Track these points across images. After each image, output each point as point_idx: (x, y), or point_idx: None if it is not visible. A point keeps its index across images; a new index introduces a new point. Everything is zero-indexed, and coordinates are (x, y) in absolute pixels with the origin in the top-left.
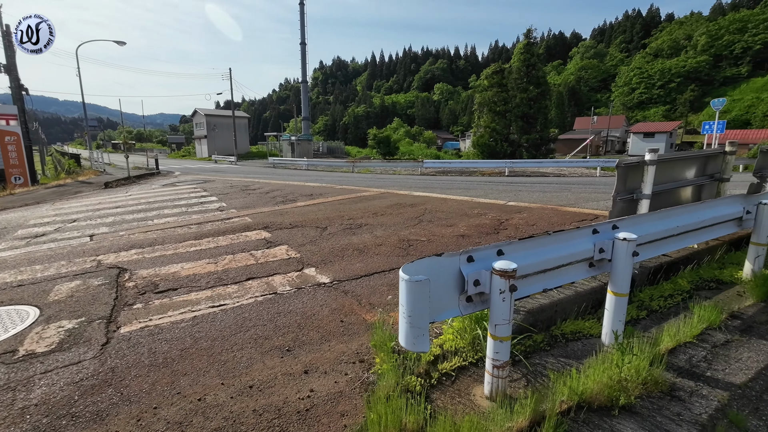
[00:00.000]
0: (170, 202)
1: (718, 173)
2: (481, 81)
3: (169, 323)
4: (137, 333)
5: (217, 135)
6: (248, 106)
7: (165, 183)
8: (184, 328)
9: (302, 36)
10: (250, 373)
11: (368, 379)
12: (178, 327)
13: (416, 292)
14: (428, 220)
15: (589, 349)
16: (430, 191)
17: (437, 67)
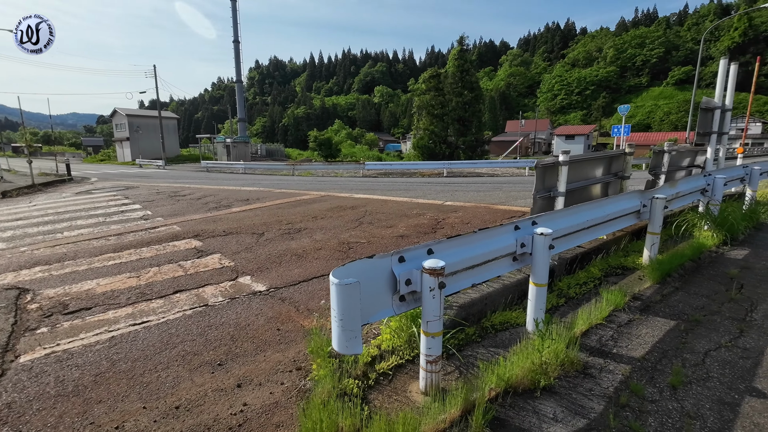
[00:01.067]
0: (84, 212)
1: (620, 172)
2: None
3: (80, 347)
4: (41, 361)
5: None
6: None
7: (78, 191)
8: (99, 351)
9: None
10: (176, 393)
11: (305, 386)
12: (93, 350)
13: (347, 296)
14: (368, 222)
15: (516, 337)
16: (371, 193)
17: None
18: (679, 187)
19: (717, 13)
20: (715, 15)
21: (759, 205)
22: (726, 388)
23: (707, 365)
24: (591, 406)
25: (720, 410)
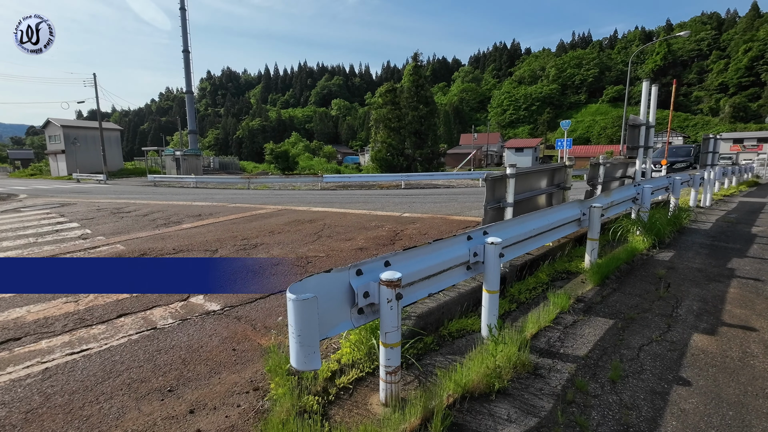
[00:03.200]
0: (12, 232)
1: (562, 183)
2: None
3: (7, 381)
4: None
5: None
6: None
7: (4, 209)
8: (30, 385)
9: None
10: (121, 425)
11: (263, 406)
12: (22, 385)
13: (304, 311)
14: (327, 236)
15: (472, 343)
16: (329, 206)
17: (334, 83)
18: (614, 196)
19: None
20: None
21: (681, 211)
22: (657, 379)
23: (641, 359)
24: (541, 405)
25: (653, 399)
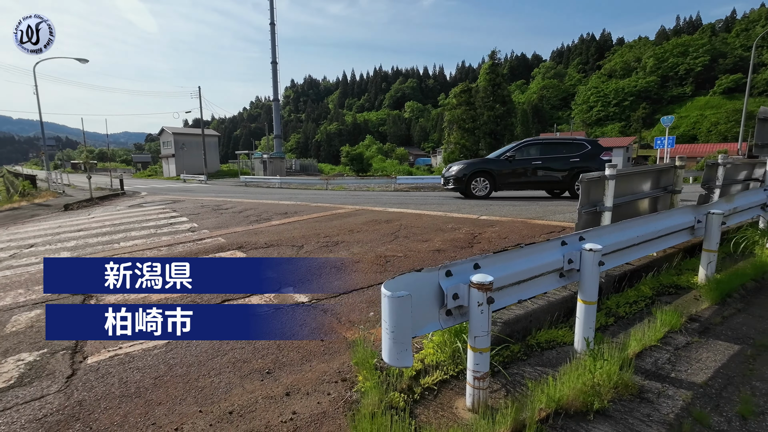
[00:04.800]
0: (137, 224)
1: (670, 186)
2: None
3: (140, 351)
4: (106, 363)
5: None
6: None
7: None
8: (157, 355)
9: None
10: (229, 399)
11: (351, 397)
12: (151, 354)
13: (399, 308)
14: (404, 236)
15: (563, 356)
16: (404, 207)
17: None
18: (737, 201)
19: None
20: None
21: None
22: None
23: None
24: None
25: None
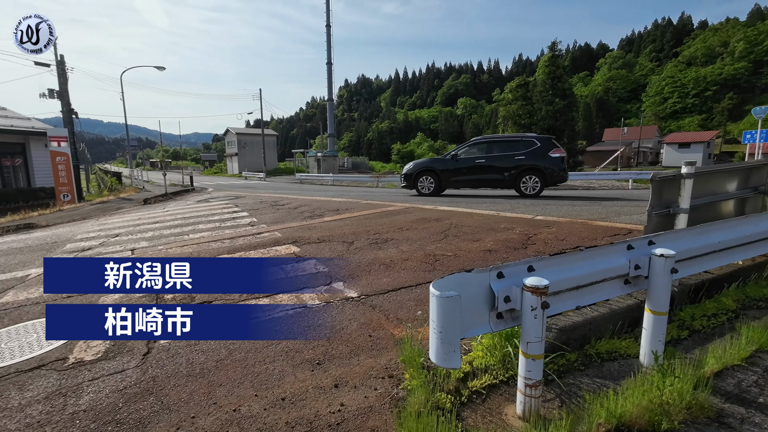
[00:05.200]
0: (204, 218)
1: (762, 185)
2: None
3: None
4: (175, 344)
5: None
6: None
7: (199, 199)
8: (219, 340)
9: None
10: (282, 386)
11: (398, 394)
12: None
13: (447, 308)
14: (454, 235)
15: (627, 370)
16: (454, 205)
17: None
18: None
19: None
20: None
21: None
22: None
23: None
24: None
25: None
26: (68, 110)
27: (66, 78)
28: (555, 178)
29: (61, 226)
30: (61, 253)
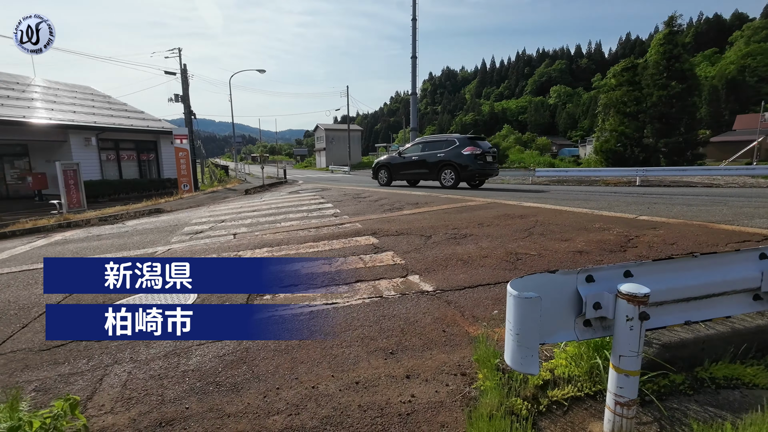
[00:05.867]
0: (294, 208)
1: None
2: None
3: (290, 315)
4: (266, 320)
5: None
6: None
7: (290, 191)
8: (302, 321)
9: (413, 50)
10: (356, 370)
11: (470, 393)
12: (298, 319)
13: (526, 310)
14: (539, 233)
15: (751, 401)
16: (542, 202)
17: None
18: None
19: None
20: None
21: None
22: None
23: None
24: None
25: None
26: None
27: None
28: (469, 172)
29: (181, 212)
30: (181, 234)
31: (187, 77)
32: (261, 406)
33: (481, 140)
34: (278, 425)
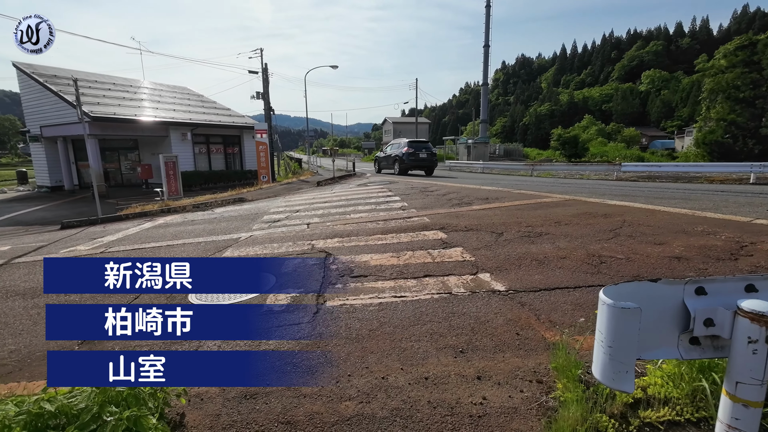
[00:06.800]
0: (362, 200)
1: None
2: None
3: (360, 305)
4: (337, 308)
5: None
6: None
7: (359, 183)
8: (371, 311)
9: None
10: (425, 365)
11: (547, 403)
12: (367, 309)
13: (623, 322)
14: (627, 235)
15: None
16: (630, 200)
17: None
18: None
19: None
20: None
21: None
22: None
23: None
24: None
25: None
26: (268, 108)
27: (268, 82)
28: (405, 164)
29: (261, 201)
30: (260, 222)
31: (267, 76)
32: (334, 390)
33: (420, 143)
34: (350, 411)
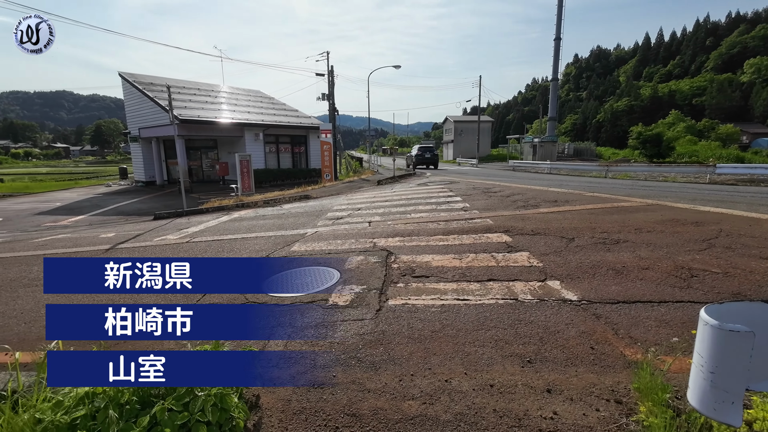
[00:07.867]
0: (423, 200)
1: None
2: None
3: (422, 305)
4: (399, 307)
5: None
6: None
7: (419, 183)
8: (434, 313)
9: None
10: (490, 372)
11: (628, 426)
12: (429, 310)
13: (730, 346)
14: (725, 246)
15: None
16: (727, 206)
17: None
18: None
19: None
20: None
21: None
22: None
23: None
24: None
25: None
26: (332, 109)
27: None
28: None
29: (324, 199)
30: (324, 219)
31: (333, 78)
32: (397, 388)
33: (425, 147)
34: (413, 410)
